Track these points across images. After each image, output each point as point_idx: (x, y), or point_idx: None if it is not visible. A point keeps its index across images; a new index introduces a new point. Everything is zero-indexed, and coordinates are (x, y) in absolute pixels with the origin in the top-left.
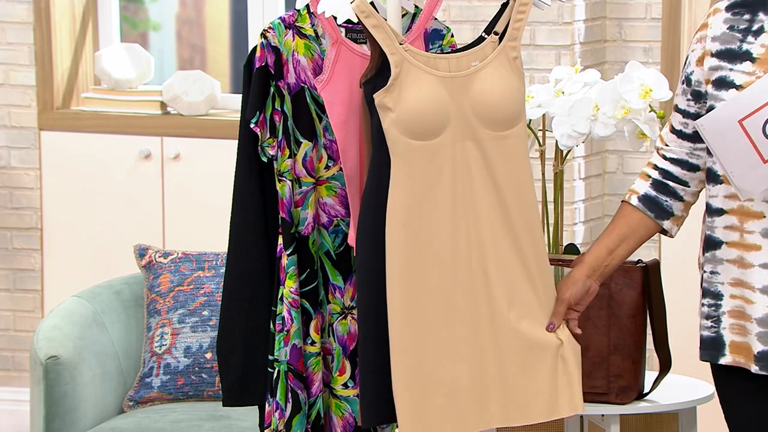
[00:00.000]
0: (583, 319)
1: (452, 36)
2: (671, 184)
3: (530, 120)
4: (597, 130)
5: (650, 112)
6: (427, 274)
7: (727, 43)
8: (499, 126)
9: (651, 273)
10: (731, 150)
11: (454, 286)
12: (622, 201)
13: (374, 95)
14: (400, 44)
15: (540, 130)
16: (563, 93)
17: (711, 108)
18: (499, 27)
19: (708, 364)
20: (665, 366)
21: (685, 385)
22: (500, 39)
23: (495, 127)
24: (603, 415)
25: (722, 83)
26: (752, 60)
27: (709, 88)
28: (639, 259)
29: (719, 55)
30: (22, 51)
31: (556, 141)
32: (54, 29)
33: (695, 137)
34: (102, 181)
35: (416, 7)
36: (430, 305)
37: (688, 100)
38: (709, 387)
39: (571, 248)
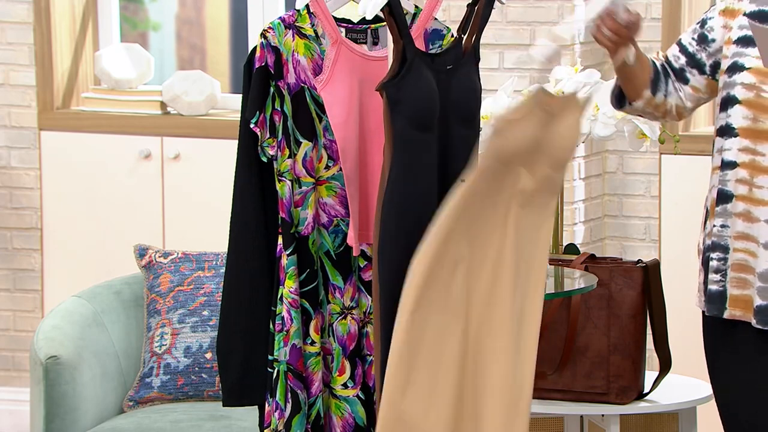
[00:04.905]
0: (583, 319)
1: (452, 36)
2: (669, 72)
3: None
4: (597, 130)
5: None
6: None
7: (763, 4)
8: (467, 123)
9: (651, 273)
10: None
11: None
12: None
13: (383, 86)
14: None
15: None
16: (563, 93)
17: (735, 64)
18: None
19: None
20: (665, 366)
21: (685, 385)
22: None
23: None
24: (603, 415)
25: (751, 42)
26: None
27: (732, 47)
28: (639, 259)
29: (752, 15)
30: (22, 51)
31: None
32: (54, 29)
33: (679, 74)
34: (102, 181)
35: (416, 7)
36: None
37: (693, 39)
38: (709, 387)
39: (571, 248)
